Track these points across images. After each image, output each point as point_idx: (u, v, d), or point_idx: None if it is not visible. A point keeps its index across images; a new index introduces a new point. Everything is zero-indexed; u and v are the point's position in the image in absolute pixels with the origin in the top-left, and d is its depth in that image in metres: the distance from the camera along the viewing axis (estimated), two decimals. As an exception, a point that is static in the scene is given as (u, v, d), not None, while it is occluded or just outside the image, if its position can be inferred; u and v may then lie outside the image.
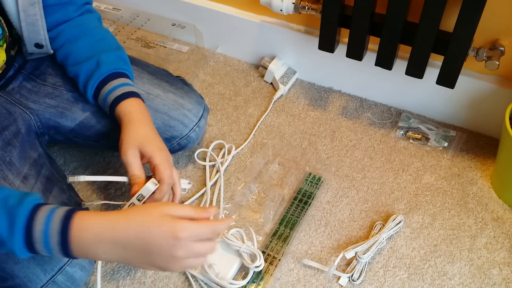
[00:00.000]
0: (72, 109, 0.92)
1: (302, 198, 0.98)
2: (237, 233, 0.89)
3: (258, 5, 1.09)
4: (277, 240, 0.92)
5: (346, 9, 0.99)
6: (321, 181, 1.01)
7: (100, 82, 0.86)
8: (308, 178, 1.01)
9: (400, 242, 0.92)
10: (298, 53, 1.19)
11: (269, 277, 0.87)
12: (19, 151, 0.83)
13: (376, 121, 1.13)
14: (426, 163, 1.05)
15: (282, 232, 0.93)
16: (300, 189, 0.99)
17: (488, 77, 1.02)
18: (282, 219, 0.95)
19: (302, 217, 0.95)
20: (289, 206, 0.97)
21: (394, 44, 0.96)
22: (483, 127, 1.09)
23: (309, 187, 0.99)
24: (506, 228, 0.94)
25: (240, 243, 0.87)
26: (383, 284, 0.87)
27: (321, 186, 1.00)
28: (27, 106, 0.90)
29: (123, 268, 0.89)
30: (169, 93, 0.96)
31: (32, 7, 0.81)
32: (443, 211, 0.97)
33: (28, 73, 0.92)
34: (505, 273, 0.88)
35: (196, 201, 0.99)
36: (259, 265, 0.85)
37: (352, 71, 1.15)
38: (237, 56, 1.29)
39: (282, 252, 0.90)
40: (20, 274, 0.77)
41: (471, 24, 0.86)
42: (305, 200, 0.97)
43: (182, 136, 0.97)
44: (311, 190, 0.99)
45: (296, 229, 0.93)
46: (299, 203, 0.97)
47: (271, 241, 0.92)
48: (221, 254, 0.87)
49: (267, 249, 0.90)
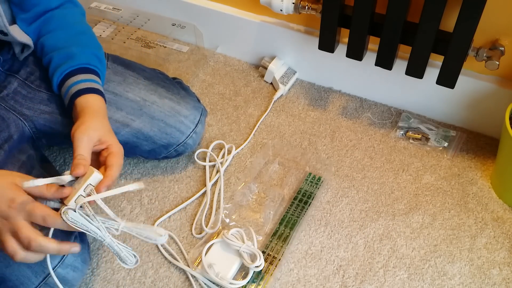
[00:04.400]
0: (66, 115, 0.89)
1: (302, 198, 0.98)
2: (237, 233, 0.89)
3: (258, 5, 1.09)
4: (277, 240, 0.92)
5: (346, 9, 0.99)
6: (321, 181, 1.01)
7: (68, 72, 0.85)
8: (308, 178, 1.01)
9: (400, 242, 0.92)
10: (298, 53, 1.19)
11: (269, 277, 0.87)
12: (7, 155, 0.83)
13: (376, 121, 1.13)
14: (426, 163, 1.05)
15: (282, 232, 0.93)
16: (300, 189, 0.99)
17: (488, 77, 1.02)
18: (282, 219, 0.95)
19: (302, 217, 0.95)
20: (289, 206, 0.97)
21: (394, 44, 0.96)
22: (483, 127, 1.09)
23: (309, 187, 0.99)
24: (506, 228, 0.94)
25: (240, 243, 0.87)
26: (383, 284, 0.87)
27: (321, 186, 1.00)
28: (22, 113, 0.89)
29: (123, 268, 0.89)
30: (165, 99, 0.96)
31: None
32: (443, 211, 0.97)
33: (23, 79, 0.91)
34: (505, 273, 0.88)
35: (196, 201, 0.99)
36: (259, 265, 0.85)
37: (352, 71, 1.15)
38: (237, 56, 1.29)
39: (282, 252, 0.90)
40: (11, 277, 0.77)
41: (471, 24, 0.86)
42: (305, 200, 0.97)
43: (179, 143, 0.97)
44: (311, 190, 0.99)
45: (296, 229, 0.93)
46: (299, 203, 0.97)
47: (271, 241, 0.92)
48: (221, 254, 0.87)
49: (267, 249, 0.90)
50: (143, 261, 0.90)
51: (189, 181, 1.02)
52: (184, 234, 0.94)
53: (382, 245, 0.92)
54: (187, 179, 1.02)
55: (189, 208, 0.98)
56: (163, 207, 0.98)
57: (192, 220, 0.95)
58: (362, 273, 0.88)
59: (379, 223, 0.95)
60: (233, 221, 0.95)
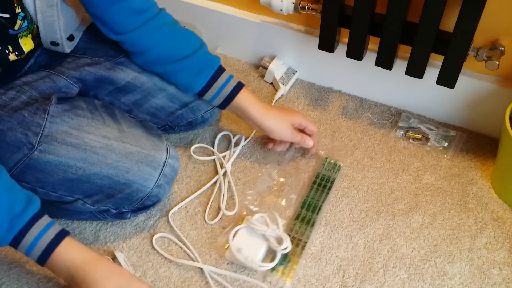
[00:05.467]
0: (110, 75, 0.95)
1: (321, 182, 1.01)
2: (261, 218, 0.91)
3: (258, 5, 1.09)
4: (300, 223, 0.94)
5: (346, 9, 0.99)
6: (337, 166, 1.03)
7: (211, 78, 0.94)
8: (325, 163, 1.04)
9: (400, 242, 0.92)
10: (298, 53, 1.19)
11: (297, 259, 0.89)
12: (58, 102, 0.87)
13: (376, 121, 1.13)
14: (426, 163, 1.05)
15: (305, 215, 0.95)
16: (318, 173, 1.02)
17: (488, 77, 1.02)
18: (303, 202, 0.97)
19: (324, 201, 0.97)
20: (309, 191, 0.99)
21: (394, 44, 0.96)
22: (483, 127, 1.09)
23: (326, 172, 1.02)
24: (506, 228, 0.94)
25: (265, 227, 0.89)
26: (383, 284, 0.87)
27: (339, 171, 1.02)
28: (70, 76, 0.93)
29: (123, 268, 0.89)
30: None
31: (49, 8, 0.84)
32: (443, 211, 0.97)
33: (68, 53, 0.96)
34: (505, 273, 0.88)
35: (208, 190, 0.99)
36: (286, 247, 0.87)
37: (352, 71, 1.14)
38: (237, 56, 1.29)
39: (307, 235, 0.92)
40: (135, 179, 0.84)
41: (471, 24, 0.86)
42: (323, 184, 1.00)
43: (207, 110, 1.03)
44: (329, 175, 1.02)
45: (321, 213, 0.96)
46: (318, 187, 1.00)
47: (294, 224, 0.94)
48: (248, 240, 0.90)
49: (291, 232, 0.93)
50: (143, 261, 0.90)
51: (199, 174, 1.02)
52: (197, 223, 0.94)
53: (382, 245, 0.92)
54: (187, 179, 1.02)
55: (203, 196, 0.98)
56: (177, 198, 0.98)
57: (204, 210, 0.96)
58: (362, 273, 0.88)
59: (379, 223, 0.95)
60: (256, 206, 0.97)
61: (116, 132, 0.87)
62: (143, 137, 0.89)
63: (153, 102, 0.98)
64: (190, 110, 1.01)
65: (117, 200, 0.86)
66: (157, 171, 0.87)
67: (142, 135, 0.90)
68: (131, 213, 0.91)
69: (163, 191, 0.89)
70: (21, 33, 0.83)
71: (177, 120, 1.02)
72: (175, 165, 0.91)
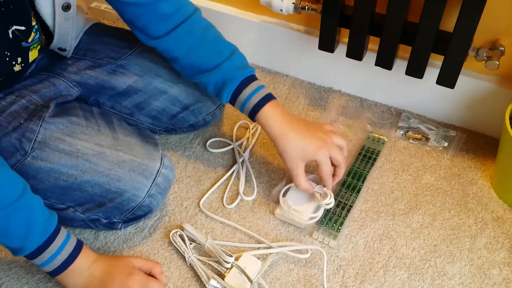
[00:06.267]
0: (111, 80, 0.96)
1: (366, 153, 1.05)
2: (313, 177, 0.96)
3: (258, 5, 1.09)
4: (346, 189, 0.99)
5: (346, 9, 0.99)
6: (382, 140, 1.08)
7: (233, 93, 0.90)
8: (370, 137, 1.09)
9: (400, 242, 0.92)
10: (298, 53, 1.19)
11: (341, 220, 0.94)
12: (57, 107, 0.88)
13: (376, 121, 1.13)
14: (426, 163, 1.05)
15: (351, 182, 1.00)
16: (364, 145, 1.07)
17: (488, 77, 1.02)
18: (349, 171, 1.02)
19: (371, 169, 1.02)
20: (354, 161, 1.04)
21: (394, 44, 0.96)
22: (483, 127, 1.09)
23: (371, 144, 1.07)
24: (506, 228, 0.94)
25: (314, 184, 0.93)
26: (383, 284, 0.87)
27: (385, 145, 1.07)
28: (70, 79, 0.93)
29: (123, 268, 0.89)
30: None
31: (66, 21, 0.85)
32: (443, 211, 0.97)
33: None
34: (505, 273, 0.88)
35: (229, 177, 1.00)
36: (329, 203, 0.91)
37: (352, 71, 1.15)
38: (237, 56, 1.29)
39: (352, 200, 0.97)
40: (126, 187, 0.83)
41: (471, 24, 0.86)
42: (368, 156, 1.05)
43: (209, 112, 1.03)
44: (374, 147, 1.06)
45: (368, 180, 1.01)
46: (363, 158, 1.05)
47: (340, 190, 0.99)
48: (297, 198, 0.94)
49: (337, 196, 0.98)
50: (143, 261, 0.90)
51: (213, 163, 1.02)
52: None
53: (382, 245, 0.92)
54: (187, 179, 1.02)
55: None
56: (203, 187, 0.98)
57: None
58: (362, 273, 0.88)
59: (379, 223, 0.95)
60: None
61: (110, 140, 0.86)
62: (138, 146, 0.87)
63: (154, 105, 0.98)
64: (191, 113, 1.01)
65: (107, 209, 0.84)
66: (150, 180, 0.85)
67: (137, 144, 0.88)
68: (122, 224, 0.89)
69: (156, 201, 0.87)
70: (33, 45, 0.82)
71: (179, 123, 1.03)
72: (169, 175, 0.88)
